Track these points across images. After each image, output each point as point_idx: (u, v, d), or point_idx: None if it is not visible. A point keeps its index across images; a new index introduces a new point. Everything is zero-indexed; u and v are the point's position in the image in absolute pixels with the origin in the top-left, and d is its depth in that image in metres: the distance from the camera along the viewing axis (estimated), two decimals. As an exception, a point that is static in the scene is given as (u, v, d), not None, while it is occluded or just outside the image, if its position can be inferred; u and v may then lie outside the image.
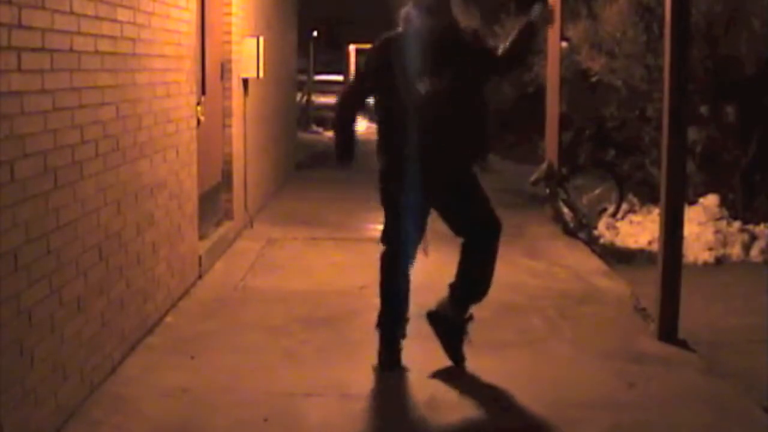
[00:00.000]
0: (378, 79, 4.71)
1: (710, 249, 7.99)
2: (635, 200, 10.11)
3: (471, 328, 4.83)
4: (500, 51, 4.75)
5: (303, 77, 22.59)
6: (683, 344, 5.23)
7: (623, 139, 10.82)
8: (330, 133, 22.12)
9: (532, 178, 9.52)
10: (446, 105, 4.56)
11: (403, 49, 4.63)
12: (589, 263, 7.43)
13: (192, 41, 6.21)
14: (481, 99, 4.78)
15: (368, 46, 5.19)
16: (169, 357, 4.90)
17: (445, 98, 4.55)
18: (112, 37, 4.51)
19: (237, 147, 8.05)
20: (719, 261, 7.90)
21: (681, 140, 5.37)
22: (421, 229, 4.80)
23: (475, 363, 4.86)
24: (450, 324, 4.79)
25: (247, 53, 8.15)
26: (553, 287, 6.57)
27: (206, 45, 6.95)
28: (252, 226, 8.51)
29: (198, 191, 6.51)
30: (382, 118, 4.77)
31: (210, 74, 7.14)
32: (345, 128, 4.92)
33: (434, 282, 6.67)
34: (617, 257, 8.02)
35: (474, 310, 5.93)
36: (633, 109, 10.20)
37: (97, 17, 4.27)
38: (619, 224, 9.37)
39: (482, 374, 4.72)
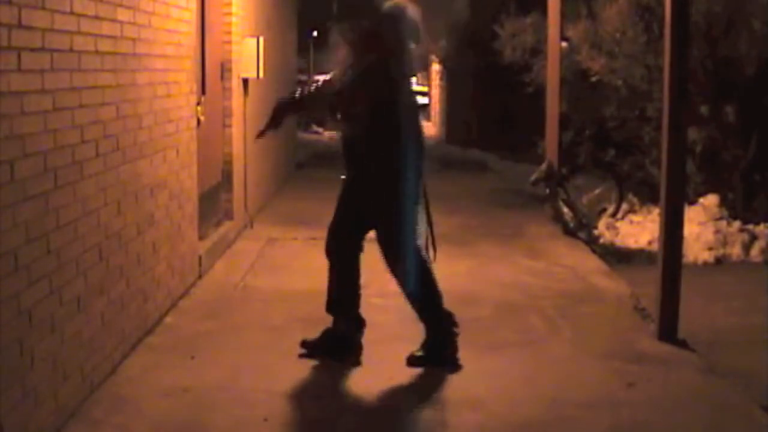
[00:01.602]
0: None
1: (710, 249, 7.99)
2: (635, 200, 10.11)
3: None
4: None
5: (303, 77, 22.59)
6: (683, 344, 5.23)
7: (623, 139, 10.82)
8: (330, 133, 22.13)
9: (532, 178, 9.52)
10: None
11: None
12: (589, 263, 7.43)
13: (192, 41, 6.21)
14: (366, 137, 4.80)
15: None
16: (170, 357, 4.90)
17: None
18: (112, 37, 4.51)
19: (237, 147, 8.05)
20: (719, 261, 7.90)
21: (681, 140, 5.37)
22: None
23: (475, 363, 4.86)
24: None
25: (247, 53, 8.15)
26: (553, 287, 6.57)
27: (206, 45, 6.95)
28: (252, 226, 8.51)
29: (198, 191, 6.51)
30: None
31: (210, 74, 7.14)
32: None
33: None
34: (617, 257, 8.02)
35: (474, 309, 5.95)
36: (633, 109, 10.20)
37: (97, 17, 4.27)
38: (619, 224, 9.37)
39: (482, 374, 4.72)
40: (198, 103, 6.49)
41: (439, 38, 21.47)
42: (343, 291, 4.95)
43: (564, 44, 9.95)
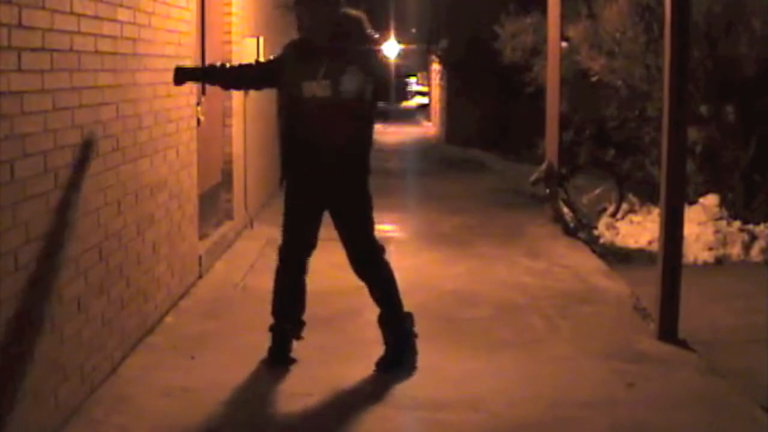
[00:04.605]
0: None
1: (710, 249, 7.99)
2: (635, 200, 10.11)
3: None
4: None
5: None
6: (683, 344, 5.23)
7: (623, 139, 10.83)
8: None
9: (532, 178, 9.53)
10: None
11: None
12: (589, 263, 7.43)
13: (192, 41, 6.21)
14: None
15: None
16: (170, 357, 4.90)
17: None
18: (112, 37, 4.51)
19: (237, 147, 8.05)
20: (719, 261, 7.90)
21: (681, 140, 5.37)
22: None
23: (475, 363, 4.86)
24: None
25: (247, 53, 8.15)
26: (553, 287, 6.57)
27: (206, 45, 6.95)
28: (252, 226, 8.51)
29: (198, 191, 6.51)
30: None
31: (210, 74, 7.13)
32: None
33: (430, 281, 6.70)
34: (617, 257, 8.02)
35: (474, 310, 5.96)
36: (633, 109, 10.20)
37: (97, 17, 4.28)
38: (619, 224, 9.37)
39: (482, 374, 4.72)
40: (198, 103, 6.49)
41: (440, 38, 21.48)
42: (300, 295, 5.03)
43: (564, 44, 9.95)
